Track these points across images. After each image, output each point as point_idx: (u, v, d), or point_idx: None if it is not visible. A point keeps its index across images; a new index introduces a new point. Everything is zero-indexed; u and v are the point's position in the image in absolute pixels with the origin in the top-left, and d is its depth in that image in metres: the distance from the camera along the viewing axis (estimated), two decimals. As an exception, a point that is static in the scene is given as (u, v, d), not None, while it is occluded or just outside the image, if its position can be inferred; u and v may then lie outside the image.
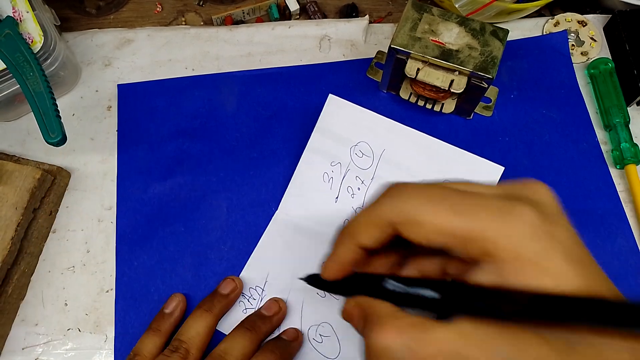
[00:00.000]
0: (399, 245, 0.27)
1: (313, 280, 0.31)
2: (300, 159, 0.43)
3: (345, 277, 0.29)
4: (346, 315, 0.28)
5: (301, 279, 0.32)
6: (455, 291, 0.24)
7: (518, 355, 0.22)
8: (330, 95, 0.43)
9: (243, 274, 0.40)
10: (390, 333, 0.24)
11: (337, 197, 0.41)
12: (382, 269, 0.29)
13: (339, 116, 0.43)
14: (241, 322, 0.37)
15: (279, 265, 0.40)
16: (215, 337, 0.37)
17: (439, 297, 0.25)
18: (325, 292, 0.39)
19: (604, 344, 0.22)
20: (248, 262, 0.40)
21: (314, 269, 0.38)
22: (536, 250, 0.23)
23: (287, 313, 0.38)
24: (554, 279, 0.23)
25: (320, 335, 0.38)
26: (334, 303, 0.39)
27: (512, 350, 0.22)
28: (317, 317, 0.38)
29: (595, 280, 0.24)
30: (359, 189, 0.41)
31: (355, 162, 0.42)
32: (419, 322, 0.24)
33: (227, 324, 0.38)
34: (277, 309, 0.38)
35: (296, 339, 0.37)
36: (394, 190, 0.26)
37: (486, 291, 0.23)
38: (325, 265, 0.29)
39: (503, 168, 0.41)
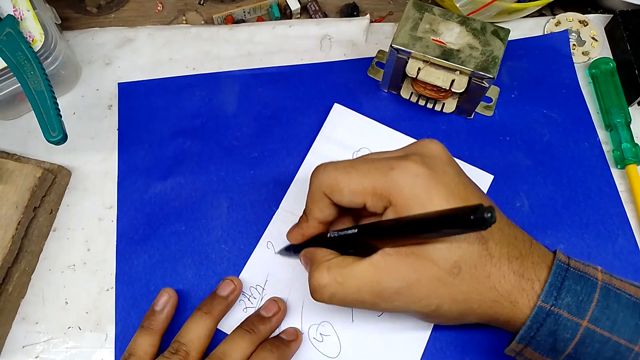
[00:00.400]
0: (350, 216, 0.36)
1: (285, 250, 0.39)
2: (303, 162, 0.43)
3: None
4: (302, 263, 0.35)
5: (278, 252, 0.40)
6: (366, 228, 0.31)
7: (416, 275, 0.29)
8: (335, 104, 0.44)
9: (243, 273, 0.40)
10: (322, 272, 0.31)
11: None
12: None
13: (343, 124, 0.44)
14: (240, 323, 0.37)
15: (279, 264, 0.40)
16: (215, 337, 0.37)
17: (356, 231, 0.31)
18: None
19: (486, 263, 0.29)
20: (249, 261, 0.40)
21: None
22: (420, 193, 0.29)
23: (287, 312, 0.38)
24: None
25: (321, 334, 0.38)
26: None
27: (412, 272, 0.29)
28: (317, 316, 0.38)
29: None
30: None
31: None
32: (343, 261, 0.31)
33: (228, 324, 0.38)
34: (276, 310, 0.38)
35: (296, 338, 0.37)
36: (319, 170, 0.33)
37: (385, 225, 0.30)
38: (292, 234, 0.36)
39: (492, 176, 0.42)
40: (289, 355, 0.37)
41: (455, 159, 0.41)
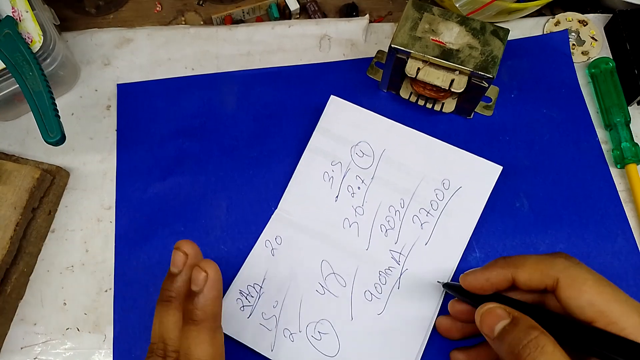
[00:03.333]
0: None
1: (450, 287, 0.36)
2: (301, 159, 0.43)
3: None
4: (483, 322, 0.30)
5: (442, 284, 0.37)
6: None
7: None
8: (331, 96, 0.44)
9: (242, 271, 0.40)
10: None
11: (337, 196, 0.41)
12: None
13: (340, 117, 0.43)
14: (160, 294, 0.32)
15: (277, 262, 0.40)
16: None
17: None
18: (326, 290, 0.39)
19: None
20: (247, 259, 0.40)
21: (313, 265, 0.40)
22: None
23: (284, 310, 0.38)
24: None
25: (319, 332, 0.38)
26: (332, 300, 0.39)
27: None
28: (315, 314, 0.38)
29: None
30: (359, 188, 0.41)
31: (355, 162, 0.42)
32: None
33: (228, 324, 0.38)
34: (183, 260, 0.31)
35: (206, 280, 0.30)
36: (563, 254, 0.31)
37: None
38: (475, 278, 0.33)
39: (501, 167, 0.41)
40: (210, 305, 0.30)
41: (462, 150, 0.42)
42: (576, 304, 0.29)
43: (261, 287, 0.39)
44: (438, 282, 0.38)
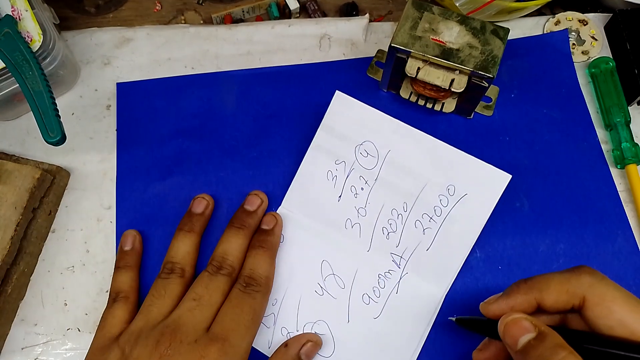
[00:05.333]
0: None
1: (465, 322, 0.34)
2: (305, 156, 0.42)
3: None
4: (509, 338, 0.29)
5: (455, 319, 0.35)
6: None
7: None
8: (337, 92, 0.42)
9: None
10: None
11: (340, 196, 0.41)
12: None
13: (345, 114, 0.42)
14: (230, 221, 0.39)
15: (278, 260, 0.40)
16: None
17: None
18: (325, 291, 0.39)
19: None
20: None
21: (313, 265, 0.40)
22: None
23: (283, 309, 0.38)
24: None
25: (316, 332, 0.38)
26: (330, 301, 0.39)
27: None
28: (313, 314, 0.38)
29: None
30: (362, 189, 0.41)
31: (359, 162, 0.41)
32: None
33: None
34: (259, 202, 0.40)
35: (276, 222, 0.39)
36: (587, 269, 0.30)
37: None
38: (498, 307, 0.31)
39: (510, 176, 0.39)
40: (276, 241, 0.39)
41: (470, 155, 0.40)
42: (605, 323, 0.27)
43: None
44: (450, 318, 0.35)
